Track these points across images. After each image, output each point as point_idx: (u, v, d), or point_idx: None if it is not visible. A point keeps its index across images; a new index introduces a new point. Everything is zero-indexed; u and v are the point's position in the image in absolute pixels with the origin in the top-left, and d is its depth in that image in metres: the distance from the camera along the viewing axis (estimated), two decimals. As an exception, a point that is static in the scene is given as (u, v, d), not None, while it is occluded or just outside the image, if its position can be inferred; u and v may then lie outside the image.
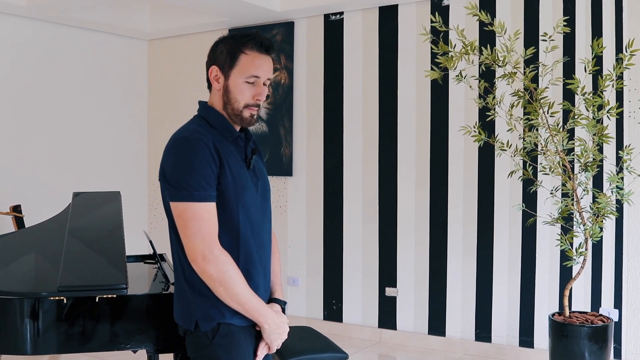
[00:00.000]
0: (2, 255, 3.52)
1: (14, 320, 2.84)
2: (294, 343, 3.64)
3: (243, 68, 2.27)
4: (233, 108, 2.29)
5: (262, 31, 6.21)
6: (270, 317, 2.30)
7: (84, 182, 6.28)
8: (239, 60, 2.28)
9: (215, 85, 2.32)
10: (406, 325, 5.69)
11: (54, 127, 6.28)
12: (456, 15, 5.30)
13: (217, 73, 2.31)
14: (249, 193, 2.30)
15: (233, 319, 2.27)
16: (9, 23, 5.88)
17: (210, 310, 2.26)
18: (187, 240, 2.22)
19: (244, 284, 2.24)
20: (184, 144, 2.23)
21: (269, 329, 2.30)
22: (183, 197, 2.20)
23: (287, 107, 6.20)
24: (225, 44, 2.31)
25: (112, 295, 2.85)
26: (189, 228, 2.21)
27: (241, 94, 2.28)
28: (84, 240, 3.44)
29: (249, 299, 2.24)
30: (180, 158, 2.22)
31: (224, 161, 2.23)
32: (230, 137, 2.30)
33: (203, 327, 2.27)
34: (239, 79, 2.28)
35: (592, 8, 4.83)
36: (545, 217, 4.53)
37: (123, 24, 6.59)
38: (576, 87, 4.01)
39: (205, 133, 2.25)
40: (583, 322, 4.08)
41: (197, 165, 2.19)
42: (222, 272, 2.20)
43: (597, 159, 4.09)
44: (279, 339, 2.35)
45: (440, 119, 5.48)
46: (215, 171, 2.21)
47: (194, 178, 2.19)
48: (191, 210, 2.20)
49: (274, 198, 6.27)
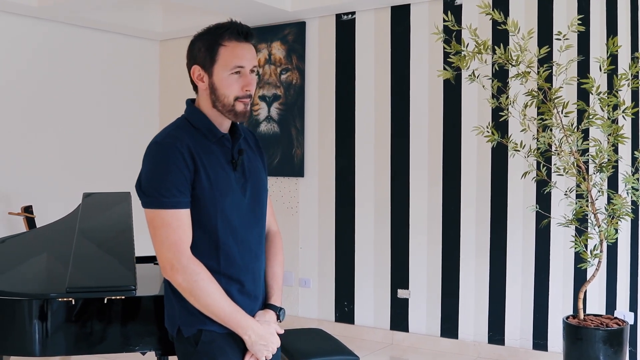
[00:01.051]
0: (12, 256, 3.52)
1: (22, 321, 2.83)
2: (305, 345, 3.64)
3: (225, 61, 2.17)
4: (224, 104, 2.20)
5: (274, 31, 6.22)
6: (250, 327, 2.20)
7: (95, 183, 6.28)
8: (219, 53, 2.17)
9: (201, 85, 2.22)
10: (418, 327, 5.65)
11: (65, 128, 6.29)
12: (469, 14, 5.26)
13: (199, 72, 2.21)
14: (231, 197, 2.21)
15: (213, 325, 2.20)
16: (21, 24, 5.88)
17: (190, 316, 2.21)
18: (156, 249, 2.17)
19: (216, 293, 2.15)
20: (155, 149, 2.16)
21: (249, 341, 2.21)
22: (152, 203, 2.14)
23: (298, 107, 6.18)
24: (202, 41, 2.20)
25: (121, 296, 2.83)
26: (157, 236, 2.15)
27: (229, 88, 2.18)
28: (93, 241, 3.43)
29: (223, 310, 2.16)
30: (151, 165, 2.16)
31: (199, 166, 2.15)
32: (213, 138, 2.22)
33: (185, 332, 2.22)
34: (223, 73, 2.18)
35: (607, 6, 4.78)
36: (559, 219, 4.49)
37: (135, 25, 6.60)
38: (591, 87, 3.96)
39: (181, 137, 2.17)
40: (598, 325, 4.04)
41: (167, 171, 2.12)
42: (190, 282, 2.13)
43: (612, 160, 4.05)
44: (264, 350, 2.23)
45: (453, 119, 5.44)
46: (188, 176, 2.13)
47: (164, 185, 2.11)
48: (159, 218, 2.14)
49: (285, 199, 6.26)
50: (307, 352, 3.52)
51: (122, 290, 2.85)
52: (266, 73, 6.34)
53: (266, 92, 6.34)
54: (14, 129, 5.90)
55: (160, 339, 2.78)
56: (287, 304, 6.28)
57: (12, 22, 5.82)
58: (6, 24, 5.78)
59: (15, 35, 5.86)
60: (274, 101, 6.30)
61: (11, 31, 5.83)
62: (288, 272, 6.28)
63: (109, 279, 3.00)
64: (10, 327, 2.85)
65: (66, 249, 3.39)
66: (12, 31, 5.84)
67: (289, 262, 6.28)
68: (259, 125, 6.38)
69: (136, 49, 6.94)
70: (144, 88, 7.04)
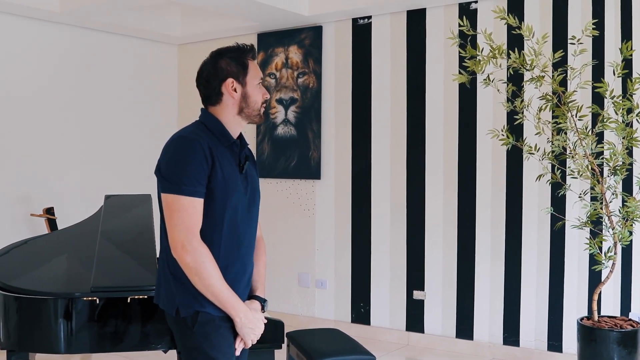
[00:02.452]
0: (37, 256, 3.61)
1: (48, 320, 2.93)
2: (322, 345, 3.68)
3: (253, 74, 2.54)
4: (253, 109, 2.53)
5: (291, 35, 6.30)
6: (242, 311, 2.45)
7: (115, 184, 6.37)
8: (249, 67, 2.53)
9: (233, 95, 2.51)
10: (434, 328, 5.69)
11: (85, 131, 6.39)
12: (484, 19, 5.30)
13: (233, 84, 2.51)
14: (238, 195, 2.47)
15: (210, 307, 2.42)
16: (42, 29, 5.99)
17: (189, 298, 2.42)
18: (170, 230, 2.40)
19: (218, 277, 2.39)
20: (180, 142, 2.42)
21: (240, 322, 2.45)
22: (173, 189, 2.37)
23: (315, 110, 6.24)
24: (230, 58, 2.53)
25: (144, 296, 2.91)
26: (173, 218, 2.38)
27: (258, 95, 2.54)
28: (116, 242, 3.52)
29: (222, 291, 2.39)
30: (176, 154, 2.40)
31: (216, 162, 2.40)
32: (226, 142, 2.50)
33: (183, 313, 2.44)
34: (254, 82, 2.53)
35: (621, 11, 4.80)
36: (573, 221, 4.51)
37: (153, 29, 6.68)
38: (604, 91, 4.00)
39: (202, 135, 2.44)
40: (612, 326, 4.07)
41: (189, 162, 2.36)
42: (198, 263, 2.36)
43: (626, 163, 4.08)
44: (251, 334, 2.49)
45: (468, 122, 5.48)
46: (207, 170, 2.38)
47: (185, 174, 2.36)
48: (178, 203, 2.37)
49: (302, 201, 6.32)
50: (324, 352, 3.57)
51: (144, 290, 2.93)
52: (283, 76, 6.40)
53: (283, 95, 6.40)
54: (36, 132, 6.01)
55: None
56: (303, 305, 6.35)
57: (35, 27, 5.93)
58: (29, 29, 5.89)
59: (37, 40, 5.97)
60: (291, 104, 6.37)
61: (33, 36, 5.94)
62: (305, 274, 6.34)
63: (132, 279, 3.09)
64: (37, 325, 2.94)
65: (87, 251, 3.48)
66: (34, 36, 5.95)
67: (305, 264, 6.35)
68: (276, 128, 6.45)
69: (155, 52, 7.03)
70: (163, 91, 7.13)
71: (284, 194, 6.46)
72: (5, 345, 3.02)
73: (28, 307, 2.96)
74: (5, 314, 3.01)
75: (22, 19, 5.82)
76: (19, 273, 3.32)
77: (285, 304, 6.43)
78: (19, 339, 2.98)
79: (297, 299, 6.42)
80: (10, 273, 3.28)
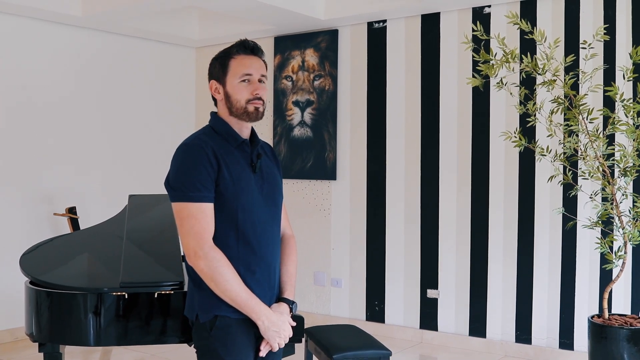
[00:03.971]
0: (65, 253, 3.72)
1: (78, 314, 3.03)
2: (339, 340, 3.77)
3: (235, 71, 2.46)
4: (237, 108, 2.46)
5: (307, 38, 6.38)
6: (264, 313, 2.42)
7: (135, 185, 6.50)
8: (230, 65, 2.47)
9: (218, 97, 2.51)
10: (447, 326, 5.78)
11: (106, 133, 6.53)
12: (497, 23, 5.38)
13: (215, 86, 2.51)
14: (250, 194, 2.45)
15: (228, 311, 2.41)
16: (66, 33, 6.14)
17: (208, 302, 2.42)
18: (182, 238, 2.41)
19: (235, 280, 2.37)
20: (183, 150, 2.43)
21: (263, 326, 2.42)
22: (180, 197, 2.38)
23: (331, 112, 6.34)
24: (217, 59, 2.51)
25: (169, 291, 3.03)
26: (183, 226, 2.39)
27: (240, 93, 2.46)
28: (141, 240, 3.62)
29: (239, 295, 2.37)
30: (180, 163, 2.41)
31: (222, 164, 2.40)
32: (234, 143, 2.48)
33: (202, 318, 2.43)
34: (234, 81, 2.46)
35: (632, 15, 4.88)
36: (584, 221, 4.59)
37: (172, 32, 6.80)
38: (615, 94, 4.07)
39: (207, 140, 2.44)
40: (622, 324, 4.12)
41: (194, 168, 2.37)
42: (212, 269, 2.35)
43: (636, 164, 4.14)
44: (277, 337, 2.44)
45: (482, 124, 5.56)
46: (212, 174, 2.38)
47: (190, 180, 2.36)
48: (186, 210, 2.37)
49: (318, 202, 6.42)
50: (342, 347, 3.66)
51: (170, 285, 3.05)
52: (300, 79, 6.51)
53: (299, 97, 6.51)
54: (59, 134, 6.15)
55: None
56: (319, 304, 6.44)
57: (58, 31, 6.08)
58: (52, 33, 6.05)
59: (60, 43, 6.12)
60: (307, 106, 6.47)
61: (56, 40, 6.09)
62: (320, 273, 6.44)
63: (158, 275, 3.20)
64: (68, 319, 3.05)
65: (113, 249, 3.59)
66: (57, 40, 6.10)
67: (321, 263, 6.44)
68: (292, 129, 6.55)
69: (173, 55, 7.16)
70: (181, 93, 7.25)
71: (300, 194, 6.56)
72: (37, 338, 3.13)
73: (59, 302, 3.07)
74: (38, 309, 3.12)
75: (46, 23, 5.98)
76: (49, 269, 3.43)
77: (301, 302, 6.51)
78: (51, 332, 3.10)
79: (313, 297, 6.52)
80: (40, 268, 3.40)
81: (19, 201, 5.89)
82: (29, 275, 3.31)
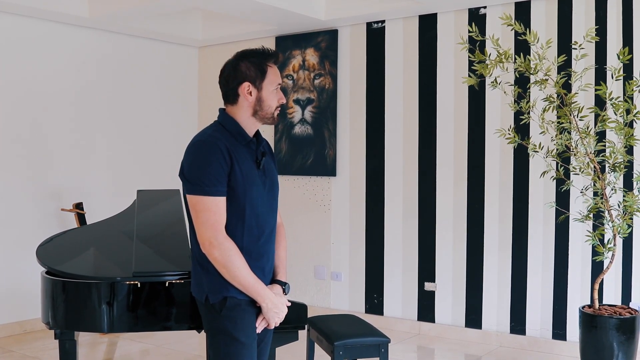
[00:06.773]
0: (79, 244, 3.85)
1: (92, 302, 3.17)
2: (341, 328, 3.88)
3: (271, 79, 2.65)
4: (266, 112, 2.66)
5: (308, 38, 6.49)
6: (267, 296, 2.64)
7: (140, 182, 6.61)
8: (268, 73, 2.64)
9: (248, 98, 2.64)
10: (444, 318, 5.90)
11: (112, 130, 6.64)
12: (493, 23, 5.47)
13: (249, 88, 2.63)
14: (256, 189, 2.63)
15: (236, 292, 2.61)
16: (73, 33, 6.27)
17: (217, 285, 2.61)
18: (197, 228, 2.59)
19: (244, 267, 2.57)
20: (200, 146, 2.58)
21: (266, 307, 2.65)
22: (197, 191, 2.55)
23: (331, 110, 6.44)
24: (250, 62, 2.64)
25: (180, 280, 3.18)
26: (199, 218, 2.57)
27: (272, 100, 2.66)
28: (151, 232, 3.75)
29: (248, 280, 2.58)
30: (197, 158, 2.56)
31: (234, 161, 2.56)
32: (243, 141, 2.65)
33: (212, 299, 2.62)
34: (270, 88, 2.65)
35: (623, 17, 4.99)
36: (576, 215, 4.71)
37: (176, 32, 6.90)
38: (604, 94, 4.19)
39: (220, 137, 2.59)
40: (612, 314, 4.24)
41: (210, 164, 2.53)
42: (225, 257, 2.55)
43: (625, 160, 4.25)
44: (276, 317, 2.69)
45: (477, 122, 5.67)
46: (226, 170, 2.55)
47: (207, 176, 2.52)
48: (202, 203, 2.55)
49: (318, 197, 6.54)
50: (342, 334, 3.77)
51: (180, 275, 3.19)
52: (300, 78, 6.63)
53: (300, 96, 6.63)
54: (66, 131, 6.28)
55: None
56: (319, 297, 6.57)
57: (65, 32, 6.21)
58: (59, 34, 6.17)
59: (68, 44, 6.25)
60: (307, 105, 6.59)
61: (64, 40, 6.22)
62: (321, 267, 6.56)
63: (168, 265, 3.34)
64: (83, 307, 3.19)
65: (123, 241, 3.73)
66: (65, 40, 6.22)
67: (322, 257, 6.56)
68: (293, 127, 6.67)
69: (176, 55, 7.26)
70: (184, 92, 7.36)
71: (301, 190, 6.68)
72: (53, 326, 3.27)
73: (75, 291, 3.21)
74: (54, 298, 3.26)
75: (54, 24, 6.10)
76: (64, 259, 3.56)
77: (302, 295, 6.62)
78: (66, 320, 3.24)
79: (313, 291, 6.64)
80: (55, 259, 3.53)
81: (29, 197, 6.01)
82: (45, 266, 3.44)
